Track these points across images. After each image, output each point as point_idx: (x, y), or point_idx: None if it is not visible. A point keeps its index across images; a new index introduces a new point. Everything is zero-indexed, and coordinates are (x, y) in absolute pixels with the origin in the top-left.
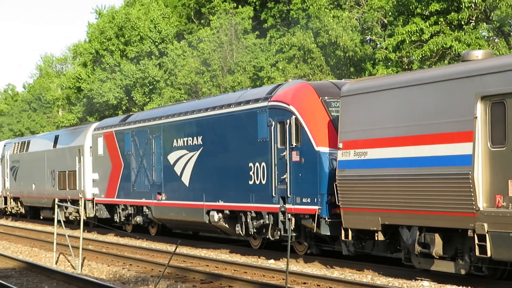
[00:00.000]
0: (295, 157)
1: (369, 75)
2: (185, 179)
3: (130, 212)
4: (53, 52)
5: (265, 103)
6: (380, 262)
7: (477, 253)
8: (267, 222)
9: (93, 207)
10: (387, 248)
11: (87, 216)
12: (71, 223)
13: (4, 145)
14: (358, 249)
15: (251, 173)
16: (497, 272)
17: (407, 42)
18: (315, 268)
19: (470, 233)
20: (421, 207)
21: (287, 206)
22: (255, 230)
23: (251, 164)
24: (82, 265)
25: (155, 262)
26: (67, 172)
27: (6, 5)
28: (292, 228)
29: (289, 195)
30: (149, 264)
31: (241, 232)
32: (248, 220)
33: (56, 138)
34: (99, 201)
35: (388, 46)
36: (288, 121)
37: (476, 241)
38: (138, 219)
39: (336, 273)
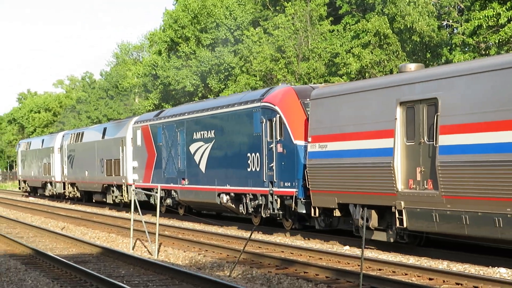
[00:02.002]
0: (280, 148)
1: (445, 61)
2: (202, 166)
3: (161, 195)
4: (130, 39)
5: (259, 104)
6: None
7: (397, 224)
8: (261, 202)
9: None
10: (344, 222)
11: (129, 199)
12: (118, 206)
13: (63, 136)
14: (327, 224)
15: (249, 162)
16: (416, 240)
17: (484, 27)
18: (390, 255)
19: (393, 209)
20: (362, 189)
21: (274, 189)
22: (252, 209)
23: (249, 154)
24: (158, 251)
25: (231, 248)
26: (112, 160)
27: None
28: (278, 207)
29: (275, 180)
30: (225, 250)
31: (243, 211)
32: (247, 201)
33: (105, 130)
34: (138, 185)
35: (465, 31)
36: (274, 119)
37: (397, 216)
38: (168, 201)
39: (412, 259)
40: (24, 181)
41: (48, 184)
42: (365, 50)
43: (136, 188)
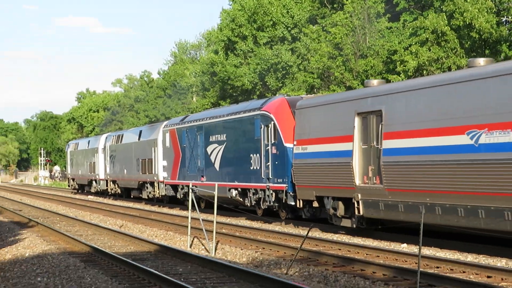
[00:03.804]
0: (274, 150)
1: (505, 58)
2: (216, 165)
3: (185, 191)
4: (188, 38)
5: (259, 112)
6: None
7: (356, 213)
8: (260, 196)
9: (163, 187)
10: (321, 212)
11: (160, 194)
12: (152, 200)
13: (106, 137)
14: (311, 214)
15: (251, 161)
16: (373, 225)
17: None
18: (448, 253)
19: (353, 200)
20: (331, 184)
21: (270, 184)
22: (255, 202)
23: (251, 155)
24: (215, 249)
25: (288, 245)
26: (146, 159)
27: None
28: (273, 200)
29: (271, 177)
30: (282, 248)
31: (248, 204)
32: (251, 195)
33: (140, 132)
34: (167, 182)
35: None
36: (270, 125)
37: (356, 205)
38: (192, 196)
39: (470, 257)
40: (73, 179)
41: (93, 182)
42: (423, 47)
43: (165, 184)
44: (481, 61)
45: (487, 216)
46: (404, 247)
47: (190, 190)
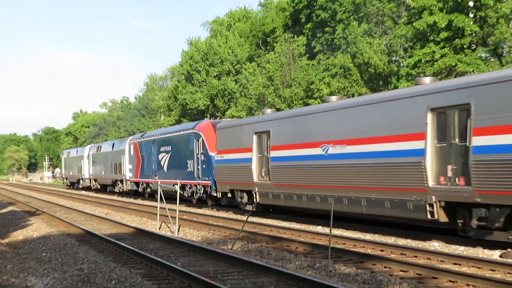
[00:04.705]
0: (202, 157)
1: (393, 87)
2: (165, 168)
3: (144, 186)
4: (157, 71)
5: (192, 130)
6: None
7: (255, 200)
8: (194, 189)
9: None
10: (233, 200)
11: (127, 188)
12: (122, 193)
13: (89, 148)
14: (229, 202)
15: (188, 165)
16: (267, 209)
17: (423, 61)
18: (352, 233)
19: (253, 192)
20: (239, 180)
21: (200, 181)
22: (190, 194)
23: (188, 161)
24: (178, 230)
25: (232, 228)
26: (117, 164)
27: (125, 41)
28: (202, 192)
29: (200, 176)
30: (228, 230)
31: (186, 195)
32: (187, 189)
33: (113, 144)
34: (132, 180)
35: (409, 64)
36: (199, 140)
37: (254, 196)
38: (148, 190)
39: (368, 236)
40: (66, 178)
41: (81, 180)
42: (333, 79)
43: (130, 182)
44: (333, 98)
45: (335, 202)
46: (319, 228)
47: (159, 188)
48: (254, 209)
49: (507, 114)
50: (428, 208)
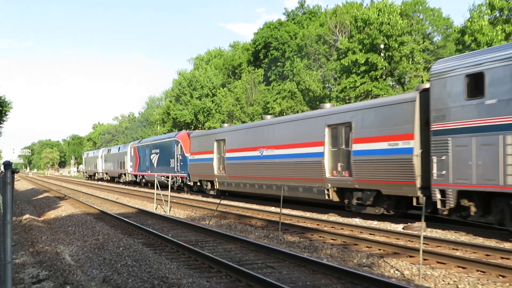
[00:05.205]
0: (180, 157)
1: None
2: (155, 165)
3: (140, 177)
4: (155, 94)
5: (174, 138)
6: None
7: (215, 187)
8: (175, 180)
9: (130, 176)
10: (202, 187)
11: (128, 179)
12: (125, 183)
13: (102, 150)
14: (200, 189)
15: (170, 163)
16: (224, 193)
17: (348, 87)
18: (297, 212)
19: (214, 182)
20: (205, 173)
21: (178, 174)
22: (172, 183)
23: (170, 160)
24: (170, 210)
25: (209, 208)
26: (122, 162)
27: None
28: (180, 182)
29: (179, 170)
30: (206, 210)
31: (169, 185)
32: (170, 180)
33: (119, 148)
34: (132, 173)
35: (338, 90)
36: (179, 145)
37: (215, 184)
38: (143, 180)
39: (308, 214)
40: (86, 172)
41: (96, 173)
42: (283, 100)
43: (131, 174)
44: (268, 116)
45: (267, 188)
46: (272, 209)
47: (155, 179)
48: (214, 193)
49: (366, 130)
50: (326, 192)
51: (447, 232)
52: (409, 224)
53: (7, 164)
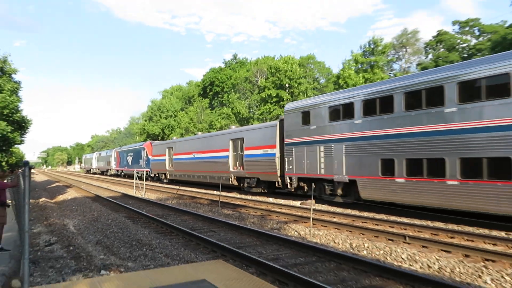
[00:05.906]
0: (146, 158)
1: (251, 124)
2: (130, 163)
3: (121, 171)
4: (135, 114)
5: (142, 146)
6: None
7: (167, 177)
8: (143, 173)
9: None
10: (159, 178)
11: (112, 173)
12: (110, 175)
13: (95, 153)
14: (158, 179)
15: (140, 162)
16: (172, 181)
17: (265, 112)
18: (234, 194)
19: (166, 173)
20: (160, 168)
21: (145, 169)
22: (141, 175)
23: (140, 160)
24: (145, 194)
25: (172, 192)
26: (108, 161)
27: (118, 99)
28: (146, 174)
29: (145, 167)
30: (169, 193)
31: (139, 175)
32: (141, 174)
33: (107, 152)
34: (115, 169)
35: (258, 113)
36: (145, 150)
37: (167, 175)
38: (122, 173)
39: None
40: (84, 168)
41: (91, 169)
42: (222, 119)
43: (115, 169)
44: (199, 133)
45: (197, 177)
46: (215, 192)
47: (135, 173)
48: (167, 181)
49: (252, 142)
50: (230, 179)
51: (329, 206)
52: (304, 201)
53: (26, 163)
